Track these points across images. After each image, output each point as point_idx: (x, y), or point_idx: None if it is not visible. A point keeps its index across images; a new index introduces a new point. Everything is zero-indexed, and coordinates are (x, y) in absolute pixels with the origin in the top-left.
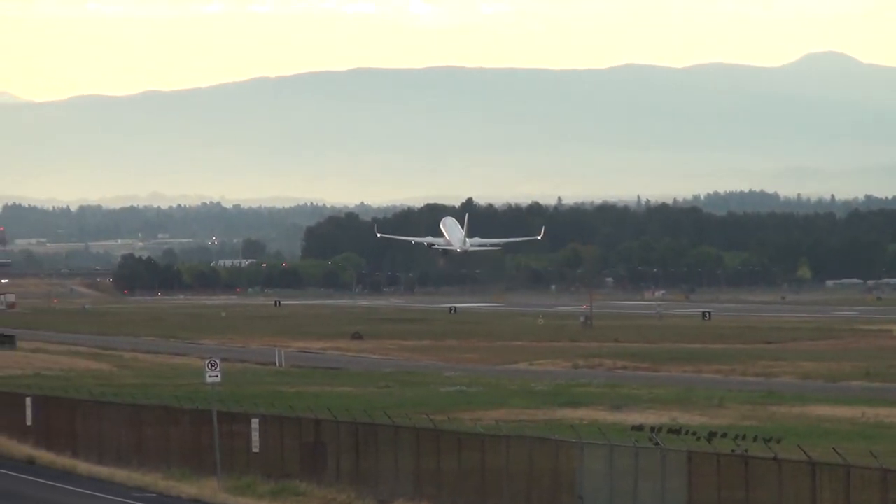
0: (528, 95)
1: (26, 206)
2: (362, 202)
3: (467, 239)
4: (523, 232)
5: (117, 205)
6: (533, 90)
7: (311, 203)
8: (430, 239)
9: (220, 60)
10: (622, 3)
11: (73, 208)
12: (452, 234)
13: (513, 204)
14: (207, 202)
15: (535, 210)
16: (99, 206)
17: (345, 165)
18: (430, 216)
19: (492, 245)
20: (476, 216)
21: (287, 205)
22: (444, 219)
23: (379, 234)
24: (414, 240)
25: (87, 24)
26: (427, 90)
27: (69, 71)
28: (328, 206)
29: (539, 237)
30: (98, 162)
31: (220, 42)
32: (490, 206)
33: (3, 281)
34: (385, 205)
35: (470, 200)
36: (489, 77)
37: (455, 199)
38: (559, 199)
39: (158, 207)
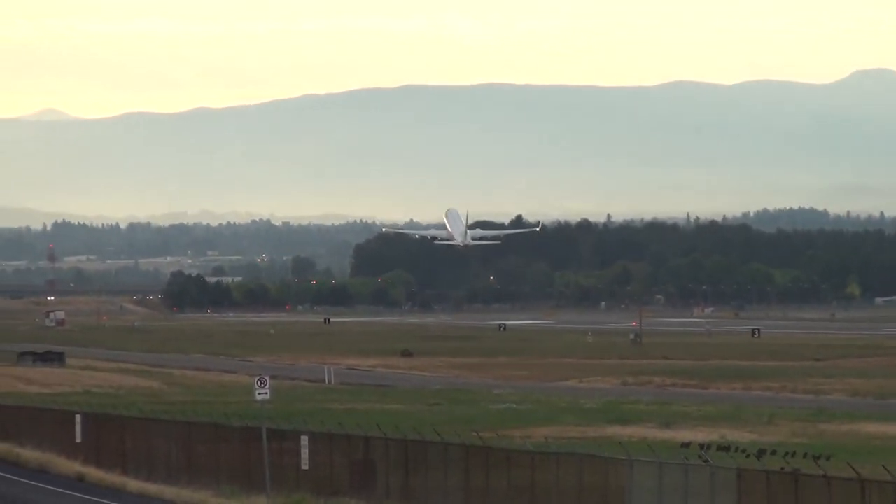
0: (576, 112)
1: (76, 223)
2: (411, 219)
3: (468, 231)
4: (573, 250)
5: (167, 222)
6: (581, 107)
7: (361, 220)
8: (433, 232)
9: (269, 77)
10: (670, 20)
11: (123, 225)
12: (455, 226)
13: (562, 221)
14: (257, 219)
15: (585, 227)
16: (148, 224)
17: (394, 182)
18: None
19: (492, 238)
20: (526, 233)
21: (337, 222)
22: (448, 210)
23: (384, 229)
24: (419, 233)
25: (135, 41)
26: (475, 107)
27: (118, 88)
28: (378, 223)
29: (538, 229)
30: (147, 179)
31: (269, 59)
32: (539, 222)
33: (52, 298)
34: (434, 221)
35: (519, 217)
36: (537, 94)
37: (504, 215)
38: (608, 216)
39: (208, 224)
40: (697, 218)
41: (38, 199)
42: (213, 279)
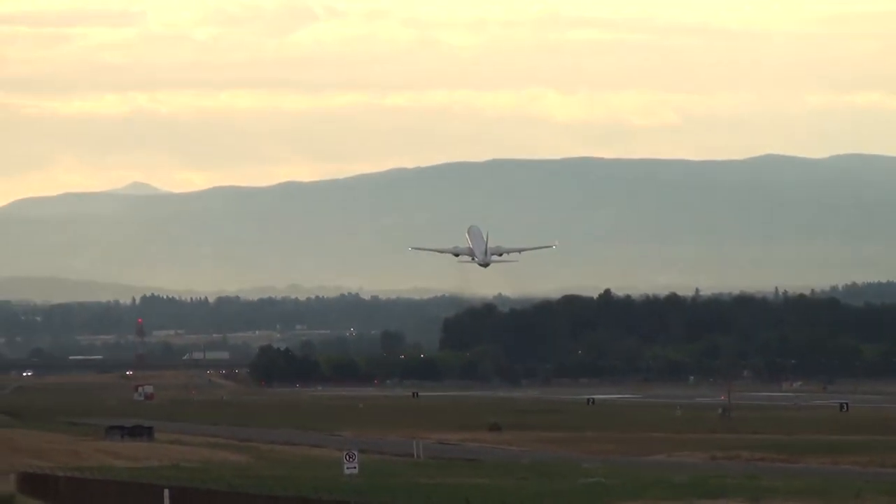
0: (664, 186)
1: (164, 297)
2: (500, 293)
3: (489, 248)
4: (661, 324)
5: (255, 296)
6: (670, 181)
7: (449, 294)
8: (456, 248)
9: (358, 151)
10: (759, 95)
11: (211, 300)
12: (476, 244)
13: (650, 295)
14: (345, 293)
15: (673, 301)
16: (237, 297)
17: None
18: (568, 308)
19: (510, 255)
20: (614, 307)
21: (425, 296)
22: (471, 227)
23: (411, 248)
24: (441, 250)
25: (223, 115)
26: (564, 180)
27: (207, 161)
28: (466, 297)
29: (553, 246)
30: (236, 253)
31: (358, 133)
32: (628, 297)
33: (141, 372)
34: (523, 296)
35: (607, 291)
36: (626, 167)
37: (593, 289)
38: (697, 290)
39: (296, 299)
40: (786, 292)
41: (127, 273)
42: (302, 353)
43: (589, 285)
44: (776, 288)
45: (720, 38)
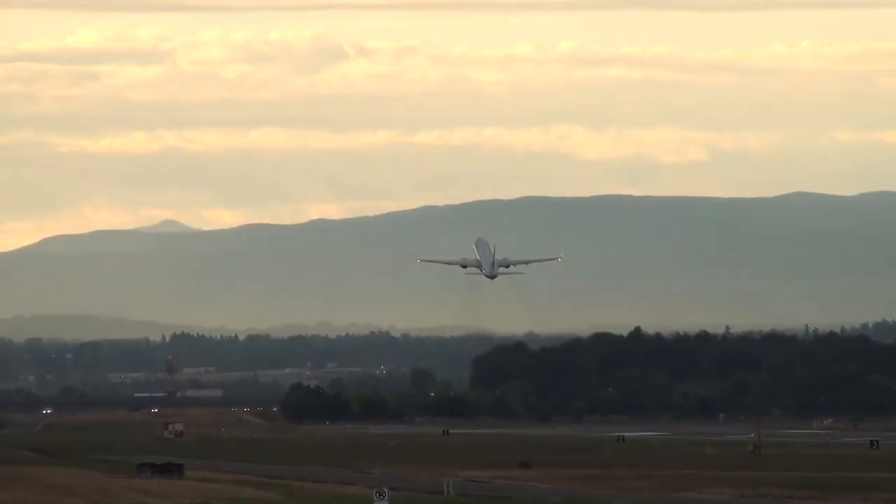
0: (694, 223)
1: (194, 334)
2: (530, 331)
3: (496, 260)
4: (691, 361)
5: (286, 333)
6: (699, 217)
7: (480, 332)
8: (464, 260)
9: (388, 189)
10: (787, 132)
11: (242, 337)
12: (484, 256)
13: (680, 332)
14: (375, 331)
15: (703, 339)
16: (267, 335)
17: (513, 294)
18: (597, 345)
19: (516, 267)
20: (644, 344)
21: (455, 333)
22: (478, 239)
23: (419, 260)
24: (450, 262)
25: (252, 153)
26: (594, 217)
27: (237, 199)
28: (496, 334)
29: (559, 258)
30: (266, 291)
31: (387, 170)
32: (658, 334)
33: (170, 410)
34: (553, 333)
35: (637, 329)
36: (655, 204)
37: (623, 326)
38: (727, 327)
39: (327, 336)
40: (816, 329)
41: (157, 311)
42: (332, 391)
43: (619, 322)
44: (806, 325)
45: (749, 76)
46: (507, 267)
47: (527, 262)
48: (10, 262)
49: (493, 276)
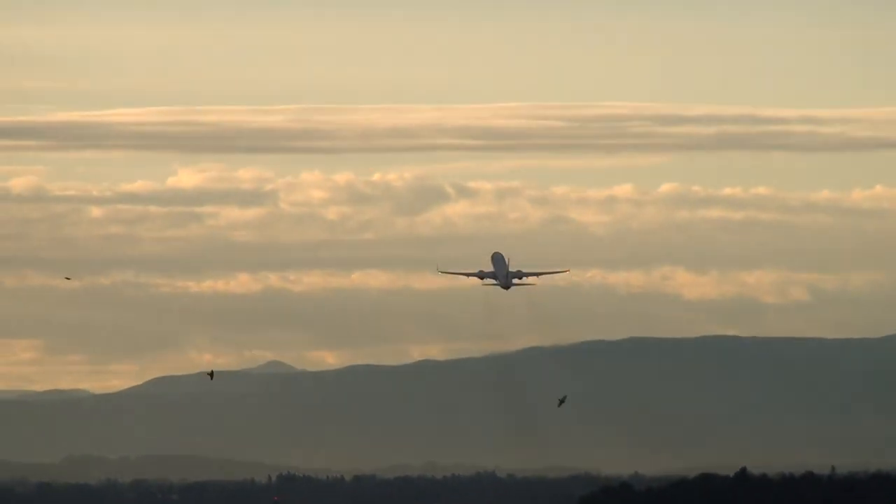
0: (799, 364)
1: (301, 476)
2: (636, 472)
3: (510, 272)
4: (798, 502)
5: (392, 474)
6: (804, 358)
7: (586, 473)
8: (481, 272)
9: (491, 330)
10: (890, 271)
11: (348, 478)
12: (499, 268)
13: (786, 473)
14: (481, 471)
15: (810, 479)
16: (374, 476)
17: (621, 434)
18: (704, 486)
19: (528, 279)
20: (750, 485)
21: (561, 474)
22: (495, 253)
23: (440, 272)
24: (468, 274)
25: (355, 294)
26: (701, 359)
27: (340, 341)
28: (602, 475)
29: (567, 271)
30: (373, 431)
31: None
32: (764, 475)
33: None
34: (658, 474)
35: (744, 470)
36: (760, 346)
37: (729, 467)
38: (833, 467)
39: (433, 477)
40: None
41: (263, 452)
42: None
43: (723, 464)
44: None
45: (850, 216)
46: (521, 278)
47: (538, 274)
48: (116, 402)
49: (507, 287)
